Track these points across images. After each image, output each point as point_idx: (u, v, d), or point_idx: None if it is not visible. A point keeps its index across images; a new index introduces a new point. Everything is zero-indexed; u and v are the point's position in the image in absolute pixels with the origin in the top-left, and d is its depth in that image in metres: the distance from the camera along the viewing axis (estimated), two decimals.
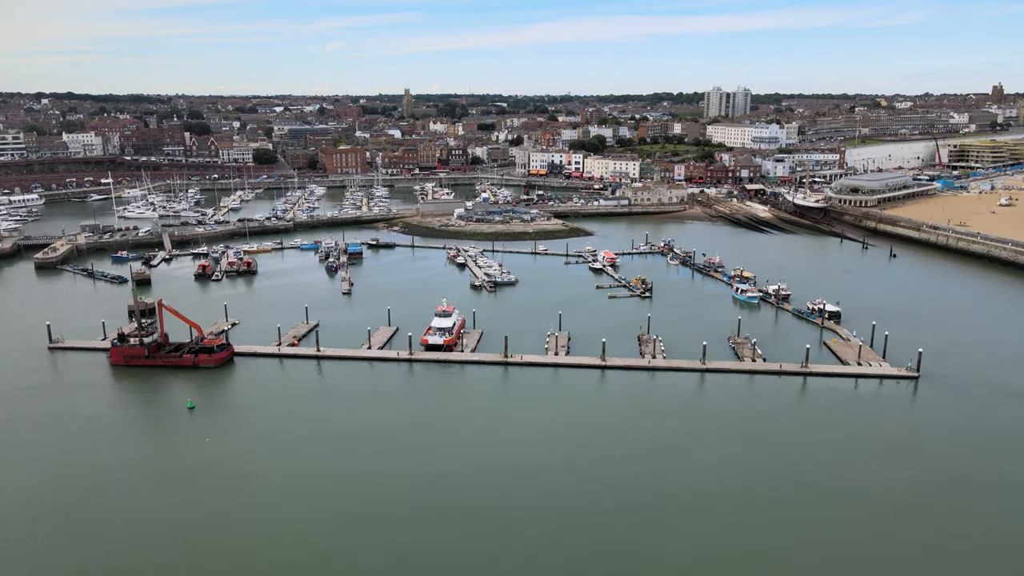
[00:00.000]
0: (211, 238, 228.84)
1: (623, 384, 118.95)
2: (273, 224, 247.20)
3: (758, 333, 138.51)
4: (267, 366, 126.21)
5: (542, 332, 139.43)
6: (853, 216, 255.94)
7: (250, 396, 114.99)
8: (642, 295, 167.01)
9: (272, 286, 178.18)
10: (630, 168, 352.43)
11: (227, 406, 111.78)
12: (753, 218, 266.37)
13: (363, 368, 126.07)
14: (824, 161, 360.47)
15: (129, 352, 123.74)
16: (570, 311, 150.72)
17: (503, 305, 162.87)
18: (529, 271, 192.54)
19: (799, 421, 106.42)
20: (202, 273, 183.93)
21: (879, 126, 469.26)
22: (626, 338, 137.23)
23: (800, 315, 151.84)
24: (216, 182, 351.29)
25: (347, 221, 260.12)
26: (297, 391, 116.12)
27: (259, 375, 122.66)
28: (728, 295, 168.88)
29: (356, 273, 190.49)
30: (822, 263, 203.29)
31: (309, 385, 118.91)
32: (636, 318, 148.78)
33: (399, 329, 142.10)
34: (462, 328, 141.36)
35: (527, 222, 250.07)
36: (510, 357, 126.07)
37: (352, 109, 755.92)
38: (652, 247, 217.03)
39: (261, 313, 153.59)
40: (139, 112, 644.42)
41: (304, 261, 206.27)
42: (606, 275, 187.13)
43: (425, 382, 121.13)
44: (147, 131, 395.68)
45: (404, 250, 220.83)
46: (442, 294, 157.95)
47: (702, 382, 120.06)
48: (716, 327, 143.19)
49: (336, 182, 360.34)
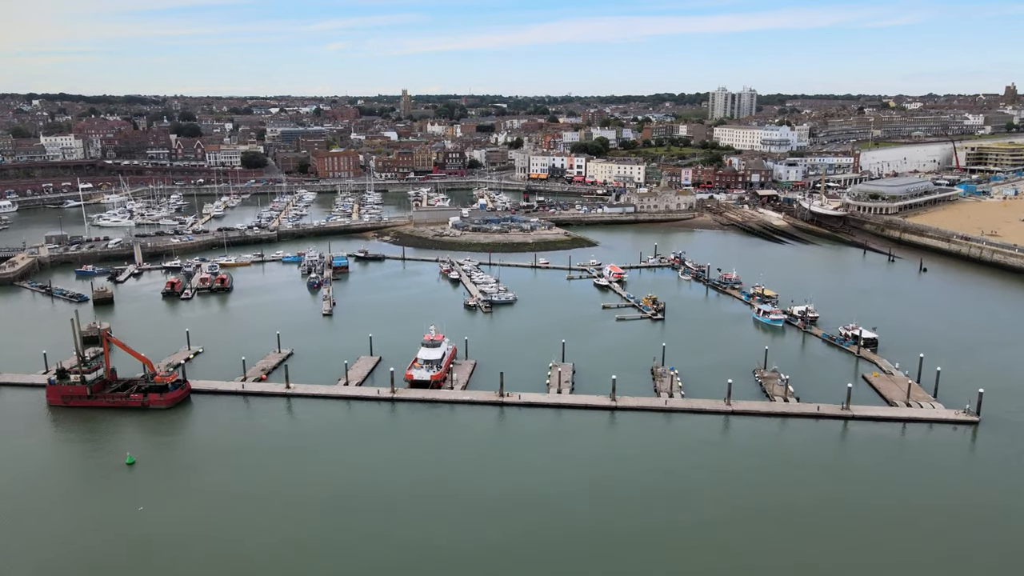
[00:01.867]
0: (187, 250, 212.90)
1: (636, 429, 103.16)
2: (255, 234, 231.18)
3: (787, 364, 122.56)
4: (228, 406, 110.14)
5: (542, 363, 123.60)
6: (875, 225, 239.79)
7: (203, 445, 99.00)
8: (653, 317, 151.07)
9: (246, 306, 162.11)
10: (634, 172, 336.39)
11: (174, 459, 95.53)
12: (767, 227, 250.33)
13: (339, 409, 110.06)
14: (837, 165, 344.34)
15: (68, 391, 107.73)
16: (574, 336, 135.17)
17: (499, 329, 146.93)
18: (528, 287, 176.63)
19: (842, 475, 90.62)
20: (170, 291, 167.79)
21: (891, 128, 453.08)
22: (638, 371, 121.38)
23: (832, 342, 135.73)
24: (201, 187, 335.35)
25: (335, 230, 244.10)
26: (260, 438, 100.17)
27: (217, 418, 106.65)
28: (748, 316, 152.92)
29: (340, 290, 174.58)
30: (847, 278, 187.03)
31: (275, 430, 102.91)
32: (648, 345, 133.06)
33: (382, 360, 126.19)
34: (452, 359, 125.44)
35: (526, 231, 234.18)
36: (506, 396, 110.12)
37: (349, 110, 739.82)
38: (661, 260, 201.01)
39: (230, 339, 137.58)
40: (131, 113, 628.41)
41: (285, 276, 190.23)
42: (613, 292, 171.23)
43: (409, 427, 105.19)
44: (130, 133, 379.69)
45: (394, 263, 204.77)
46: (432, 316, 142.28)
47: (727, 426, 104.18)
48: (738, 357, 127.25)
49: (327, 187, 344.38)
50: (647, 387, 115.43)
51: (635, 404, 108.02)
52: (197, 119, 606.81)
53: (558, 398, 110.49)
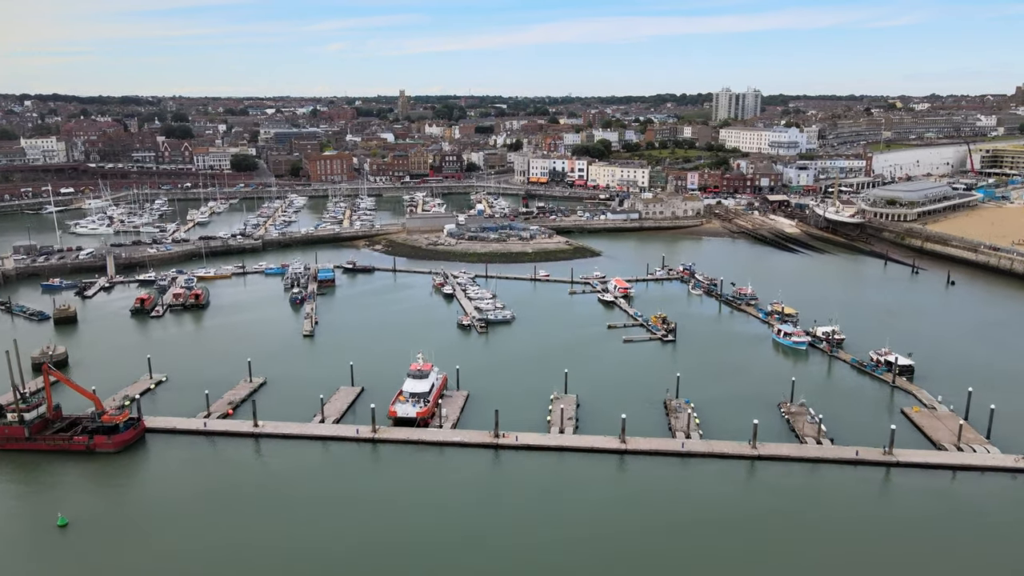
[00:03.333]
0: (164, 261, 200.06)
1: (649, 476, 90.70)
2: (238, 243, 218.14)
3: (814, 395, 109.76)
4: (187, 449, 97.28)
5: (543, 394, 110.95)
6: (894, 233, 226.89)
7: (154, 498, 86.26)
8: (663, 338, 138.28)
9: (221, 326, 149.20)
10: (638, 176, 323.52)
11: (118, 517, 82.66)
12: (779, 234, 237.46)
13: (313, 451, 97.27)
14: (849, 168, 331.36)
15: (4, 432, 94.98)
16: (577, 361, 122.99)
17: (495, 352, 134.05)
18: (528, 303, 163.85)
19: (885, 532, 78.07)
20: (140, 308, 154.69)
21: (902, 129, 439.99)
22: (649, 403, 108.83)
23: (862, 368, 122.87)
24: (188, 191, 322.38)
25: (324, 239, 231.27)
26: (221, 489, 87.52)
27: (173, 463, 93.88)
28: (767, 338, 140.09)
29: (325, 306, 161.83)
30: (869, 293, 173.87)
31: (238, 479, 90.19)
32: (659, 371, 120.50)
33: (364, 391, 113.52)
34: (443, 390, 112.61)
35: (526, 240, 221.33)
36: (502, 436, 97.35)
37: (346, 111, 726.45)
38: (670, 272, 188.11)
39: (198, 364, 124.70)
40: (123, 115, 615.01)
41: (266, 290, 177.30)
42: (618, 309, 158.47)
43: (392, 473, 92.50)
44: (115, 135, 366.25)
45: (384, 276, 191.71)
46: (422, 338, 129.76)
47: (752, 473, 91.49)
48: (760, 387, 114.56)
49: (320, 191, 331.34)
50: (660, 424, 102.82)
51: (647, 447, 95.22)
52: (191, 120, 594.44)
53: (560, 439, 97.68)
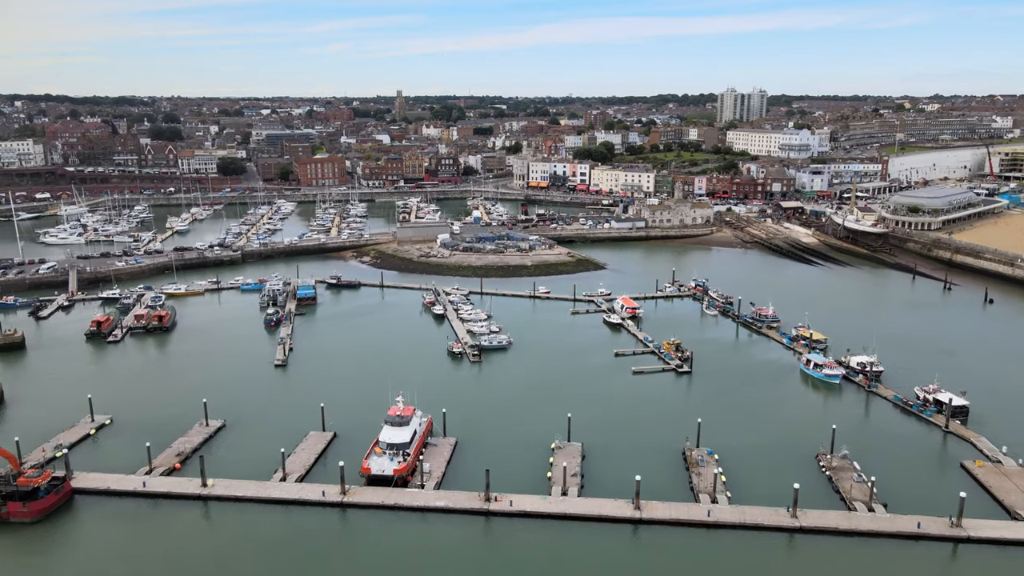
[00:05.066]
0: (133, 275, 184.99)
1: (669, 551, 76.01)
2: (215, 255, 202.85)
3: (857, 444, 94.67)
4: (122, 514, 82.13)
5: (542, 442, 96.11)
6: (920, 244, 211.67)
7: None
8: (678, 369, 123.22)
9: (183, 353, 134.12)
10: (643, 180, 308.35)
11: None
12: (796, 244, 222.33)
13: (271, 518, 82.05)
14: (864, 172, 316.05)
15: None
16: (582, 398, 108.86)
17: (489, 386, 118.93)
18: (527, 324, 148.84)
19: None
20: (96, 331, 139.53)
21: (915, 131, 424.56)
22: (666, 454, 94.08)
23: (907, 408, 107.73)
24: (171, 196, 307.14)
25: (309, 249, 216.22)
26: (159, 566, 72.68)
27: (103, 534, 78.94)
28: (794, 368, 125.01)
29: (303, 329, 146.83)
30: (900, 313, 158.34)
31: (180, 554, 75.19)
32: (675, 411, 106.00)
33: (336, 437, 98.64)
34: (426, 437, 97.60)
35: (525, 251, 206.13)
36: (494, 500, 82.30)
37: (343, 112, 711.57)
38: (681, 288, 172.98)
39: (151, 402, 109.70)
40: (112, 115, 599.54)
41: (241, 309, 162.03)
42: (626, 332, 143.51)
43: (363, 545, 77.56)
44: (95, 138, 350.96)
45: (371, 292, 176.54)
46: (407, 369, 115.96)
47: (793, 549, 76.48)
48: (793, 432, 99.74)
49: (309, 196, 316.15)
50: (679, 482, 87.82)
51: (667, 514, 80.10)
52: (182, 121, 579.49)
53: (563, 504, 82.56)
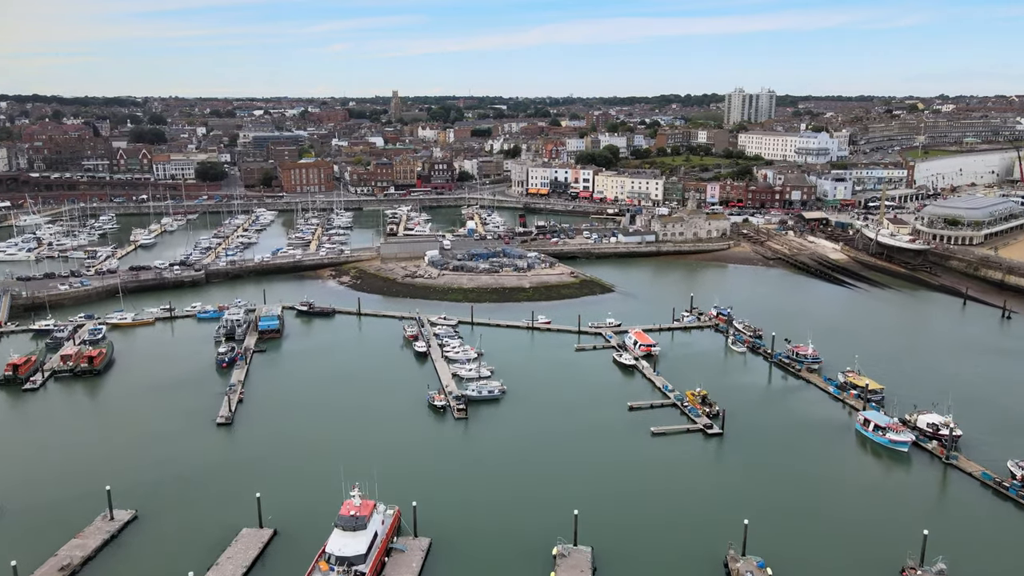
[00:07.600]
0: (78, 300, 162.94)
1: None
2: (175, 275, 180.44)
3: (951, 548, 72.41)
4: None
5: (540, 544, 74.09)
6: (964, 262, 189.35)
7: None
8: (707, 430, 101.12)
9: (110, 406, 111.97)
10: (651, 187, 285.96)
11: None
12: (823, 261, 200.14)
13: None
14: (888, 178, 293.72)
15: None
16: (591, 477, 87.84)
17: (476, 457, 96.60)
18: (523, 364, 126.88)
19: None
20: (11, 376, 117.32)
21: (936, 133, 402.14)
22: (701, 562, 71.86)
23: (1002, 491, 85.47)
24: (142, 205, 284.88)
25: (283, 268, 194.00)
26: None
27: None
28: (846, 426, 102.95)
29: (260, 371, 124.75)
30: (962, 353, 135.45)
31: None
32: (709, 498, 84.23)
33: (277, 535, 76.60)
34: (391, 538, 75.42)
35: (523, 270, 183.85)
36: None
37: (338, 113, 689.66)
38: (701, 318, 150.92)
39: (49, 481, 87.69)
40: (100, 116, 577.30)
41: (193, 344, 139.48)
42: (640, 375, 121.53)
43: None
44: (63, 141, 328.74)
45: (347, 321, 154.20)
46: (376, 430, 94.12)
47: None
48: (863, 529, 77.61)
49: (292, 204, 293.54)
50: None
51: None
52: (169, 123, 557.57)
53: None
